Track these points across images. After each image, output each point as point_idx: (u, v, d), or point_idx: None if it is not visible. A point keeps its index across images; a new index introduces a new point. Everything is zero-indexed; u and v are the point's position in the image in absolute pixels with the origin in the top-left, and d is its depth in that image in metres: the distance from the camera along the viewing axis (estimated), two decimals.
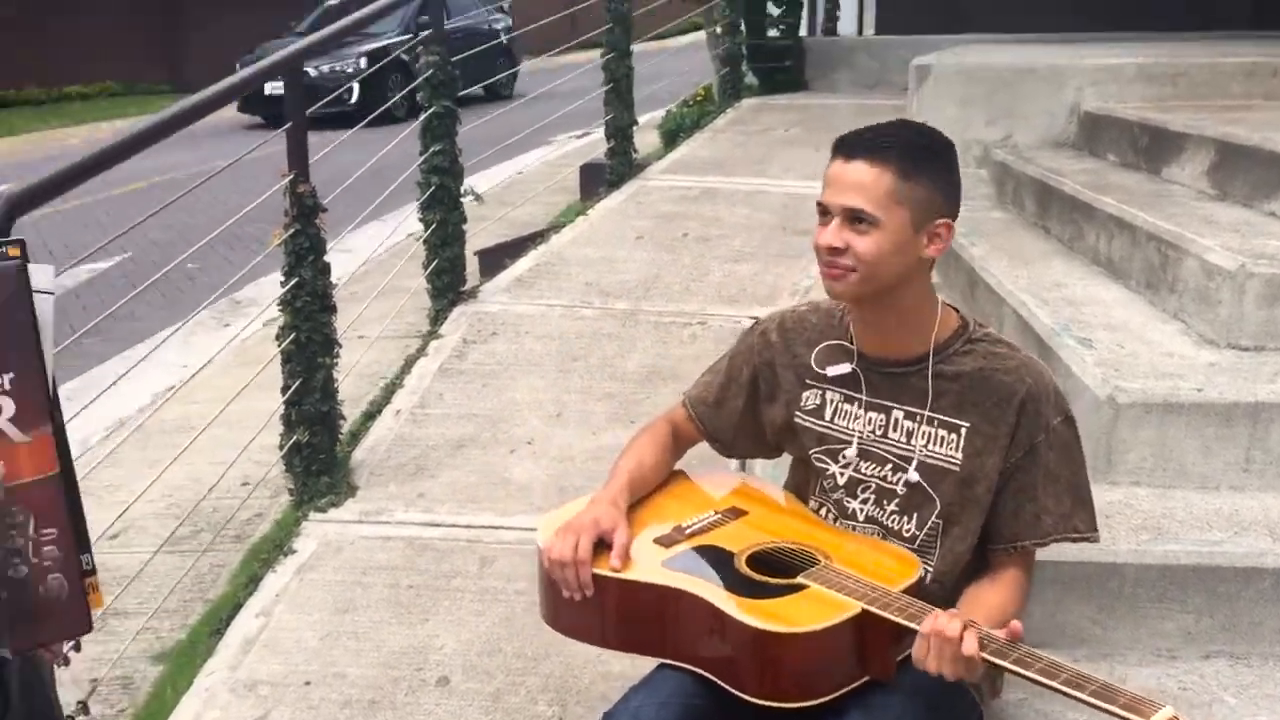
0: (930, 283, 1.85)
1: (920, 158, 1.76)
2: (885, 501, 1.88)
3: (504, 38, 16.23)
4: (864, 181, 1.73)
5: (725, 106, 7.27)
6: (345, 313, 4.99)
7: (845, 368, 1.90)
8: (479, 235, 6.94)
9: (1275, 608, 2.22)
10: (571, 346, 4.25)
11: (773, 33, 7.80)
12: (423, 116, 4.41)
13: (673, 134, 7.20)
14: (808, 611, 1.66)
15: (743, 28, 7.36)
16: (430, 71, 4.35)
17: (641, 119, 8.43)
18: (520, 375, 4.08)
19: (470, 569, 3.10)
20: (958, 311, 1.90)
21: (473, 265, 6.25)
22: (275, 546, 3.22)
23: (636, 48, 6.07)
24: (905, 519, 1.86)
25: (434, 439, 3.71)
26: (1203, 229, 3.15)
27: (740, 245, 5.07)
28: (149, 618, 3.20)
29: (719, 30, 7.48)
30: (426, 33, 4.48)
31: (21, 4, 17.36)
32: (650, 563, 1.82)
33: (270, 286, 5.30)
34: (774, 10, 7.79)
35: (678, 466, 2.14)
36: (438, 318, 4.54)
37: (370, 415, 3.93)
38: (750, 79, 7.91)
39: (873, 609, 1.63)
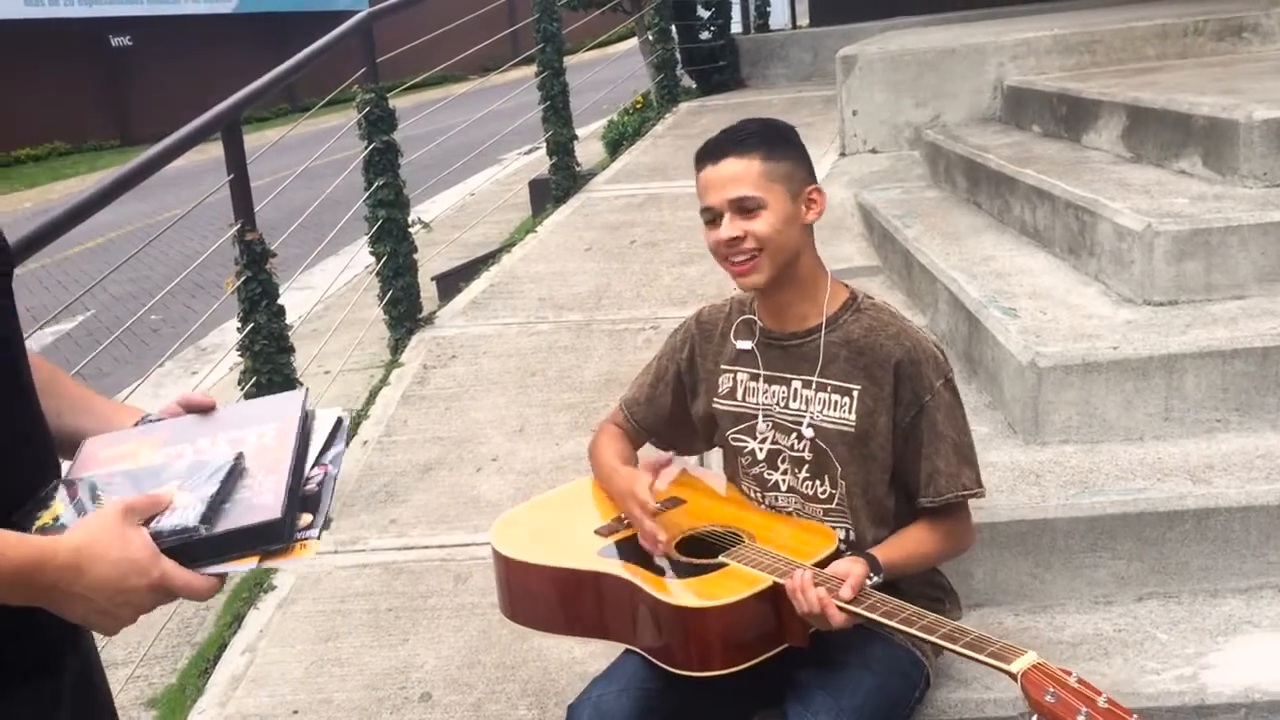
0: (817, 254, 2.02)
1: (775, 139, 1.95)
2: (798, 470, 2.01)
3: None
4: (738, 173, 1.91)
5: (664, 112, 7.39)
6: (308, 349, 5.10)
7: (748, 344, 2.05)
8: (434, 260, 7.03)
9: (1198, 546, 2.35)
10: (529, 362, 4.36)
11: (705, 35, 7.92)
12: (364, 152, 4.51)
13: (616, 143, 7.31)
14: (724, 587, 1.81)
15: (674, 33, 7.47)
16: (367, 110, 4.44)
17: (588, 129, 8.55)
18: (481, 395, 4.19)
19: (446, 587, 3.20)
20: (848, 287, 2.05)
21: (430, 291, 6.36)
22: (255, 584, 3.31)
23: (577, 58, 6.17)
24: (818, 483, 2.00)
25: (402, 465, 3.81)
26: (1116, 192, 3.29)
27: (686, 247, 5.19)
28: (138, 665, 3.28)
29: (650, 37, 7.60)
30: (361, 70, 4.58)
31: None
32: (587, 550, 1.95)
33: (233, 331, 5.36)
34: (703, 13, 7.92)
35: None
36: (397, 346, 4.64)
37: None
38: (688, 82, 8.04)
39: (782, 581, 1.76)
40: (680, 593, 1.80)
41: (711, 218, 1.95)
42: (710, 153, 1.96)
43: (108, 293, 8.83)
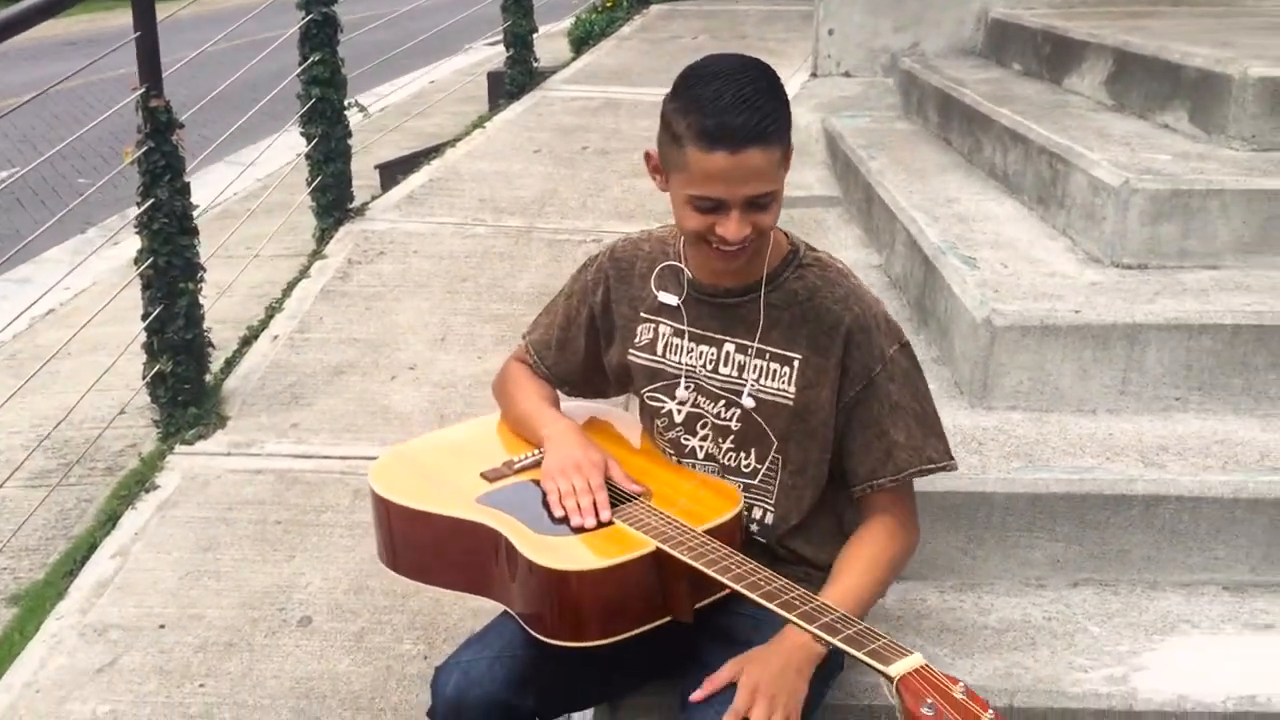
0: None
1: (785, 111, 1.63)
2: (721, 439, 1.80)
3: None
4: (760, 167, 1.59)
5: (633, 13, 7.04)
6: (243, 230, 4.80)
7: (673, 299, 1.81)
8: (384, 147, 6.70)
9: (1143, 535, 2.18)
10: (461, 266, 4.11)
11: None
12: (300, 23, 4.18)
13: (581, 40, 6.97)
14: (599, 549, 1.60)
15: None
16: None
17: (558, 25, 8.16)
18: (406, 297, 3.93)
19: (342, 502, 2.99)
20: (788, 236, 1.81)
21: (374, 179, 6.03)
22: (137, 482, 3.08)
23: None
24: (743, 455, 1.78)
25: (311, 365, 3.57)
26: (1094, 142, 3.07)
27: (640, 159, 4.91)
28: (4, 556, 3.05)
29: None
30: None
31: None
32: (466, 496, 1.74)
33: None
34: None
35: None
36: (323, 236, 4.37)
37: (247, 341, 3.78)
38: None
39: (665, 548, 1.57)
40: (552, 552, 1.59)
41: (711, 206, 1.62)
42: (728, 138, 1.56)
43: (36, 150, 8.39)
